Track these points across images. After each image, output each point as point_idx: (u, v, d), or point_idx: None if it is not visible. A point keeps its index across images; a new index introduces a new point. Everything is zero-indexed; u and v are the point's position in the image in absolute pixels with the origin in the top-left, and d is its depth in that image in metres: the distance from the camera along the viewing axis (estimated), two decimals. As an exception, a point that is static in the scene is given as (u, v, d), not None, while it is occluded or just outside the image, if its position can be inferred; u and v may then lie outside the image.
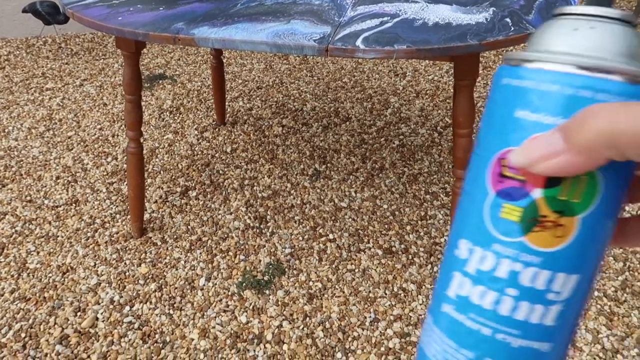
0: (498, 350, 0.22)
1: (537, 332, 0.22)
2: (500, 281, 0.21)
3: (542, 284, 0.21)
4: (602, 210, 0.21)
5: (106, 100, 2.00)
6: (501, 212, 0.21)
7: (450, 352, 0.23)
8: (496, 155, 0.22)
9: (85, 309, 1.13)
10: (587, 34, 0.21)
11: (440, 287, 0.24)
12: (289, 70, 2.21)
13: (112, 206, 1.43)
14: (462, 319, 0.23)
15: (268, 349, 1.05)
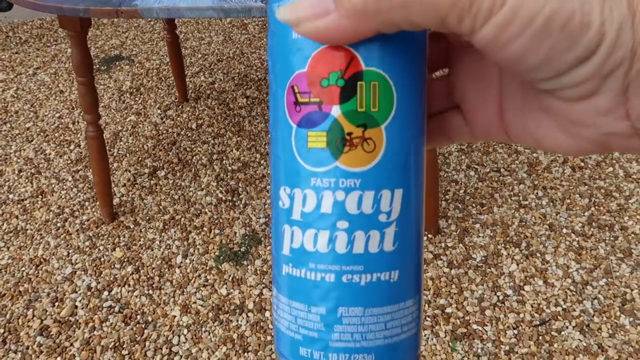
0: (348, 295, 0.20)
1: (380, 261, 0.21)
2: (328, 217, 0.20)
3: (369, 206, 0.20)
4: (404, 115, 0.20)
5: (62, 87, 1.93)
6: (308, 143, 0.20)
7: (302, 317, 0.21)
8: (288, 84, 0.21)
9: (62, 298, 1.12)
10: None
11: (276, 250, 0.22)
12: (249, 40, 2.17)
13: (79, 194, 1.41)
14: (302, 273, 0.21)
15: (251, 317, 1.06)
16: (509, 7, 0.16)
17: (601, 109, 0.18)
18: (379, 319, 0.21)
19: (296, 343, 0.21)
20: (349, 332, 0.21)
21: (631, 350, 0.96)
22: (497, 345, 0.98)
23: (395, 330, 0.21)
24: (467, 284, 1.10)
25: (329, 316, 0.21)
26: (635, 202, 1.25)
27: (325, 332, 0.21)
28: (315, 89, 0.20)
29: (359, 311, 0.20)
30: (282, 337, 0.22)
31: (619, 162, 1.37)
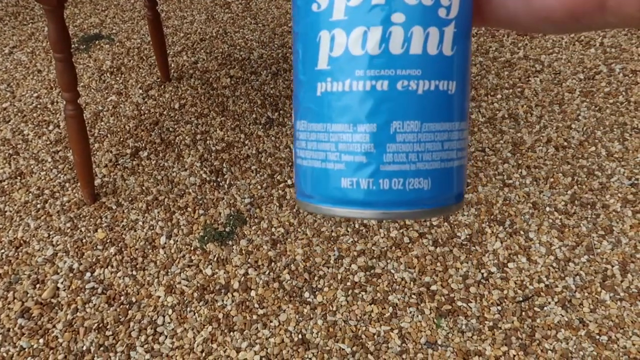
0: (403, 105, 0.17)
1: (440, 66, 0.17)
2: (381, 9, 0.17)
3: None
4: None
5: (40, 66, 1.88)
6: None
7: (345, 141, 0.17)
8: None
9: (44, 280, 1.10)
10: None
11: (305, 71, 0.18)
12: (232, 19, 2.13)
13: (59, 175, 1.38)
14: (347, 85, 0.17)
15: (236, 297, 1.06)
16: None
17: None
18: (437, 137, 0.18)
19: (336, 175, 0.18)
20: (404, 151, 0.17)
21: (611, 324, 0.98)
22: (481, 321, 1.00)
23: (452, 154, 0.18)
24: (451, 262, 1.10)
25: (381, 133, 0.17)
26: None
27: (375, 154, 0.17)
28: None
29: (416, 126, 0.17)
30: (312, 174, 0.19)
31: (601, 142, 1.39)
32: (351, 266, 1.10)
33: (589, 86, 1.59)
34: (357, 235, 1.17)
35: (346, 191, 0.18)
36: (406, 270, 1.09)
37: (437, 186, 0.18)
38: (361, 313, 1.01)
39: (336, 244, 1.15)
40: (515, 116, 1.50)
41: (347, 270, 1.09)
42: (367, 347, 0.96)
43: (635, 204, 1.21)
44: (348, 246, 1.14)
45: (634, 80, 1.60)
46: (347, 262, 1.11)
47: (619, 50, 1.74)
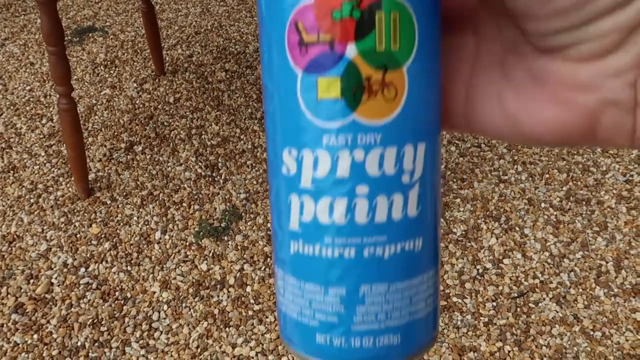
0: (371, 270, 0.18)
1: (405, 229, 0.18)
2: (345, 182, 0.17)
3: (392, 166, 0.18)
4: (427, 52, 0.18)
5: (33, 59, 1.86)
6: (318, 92, 0.17)
7: (317, 300, 0.18)
8: (289, 20, 0.17)
9: (37, 275, 1.09)
10: None
11: (280, 226, 0.19)
12: (227, 12, 2.11)
13: (53, 169, 1.37)
14: (316, 250, 0.18)
15: (232, 292, 1.05)
16: None
17: (615, 68, 0.16)
18: (404, 294, 0.18)
19: (311, 330, 0.19)
20: (373, 312, 0.18)
21: (605, 320, 0.98)
22: (477, 317, 1.00)
23: (420, 305, 0.19)
24: (447, 258, 1.11)
25: (350, 297, 0.18)
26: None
27: (345, 315, 0.18)
28: (326, 23, 0.17)
29: (383, 288, 0.18)
30: (291, 323, 0.19)
31: (596, 138, 1.39)
32: (347, 262, 1.10)
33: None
34: (353, 231, 1.17)
35: (320, 346, 0.19)
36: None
37: (407, 338, 0.19)
38: (357, 309, 1.02)
39: (332, 240, 1.15)
40: (511, 112, 1.50)
41: (343, 266, 1.10)
42: (363, 343, 0.96)
43: (629, 200, 1.22)
44: (344, 242, 1.14)
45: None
46: (343, 257, 1.11)
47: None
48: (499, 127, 0.19)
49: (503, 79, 0.19)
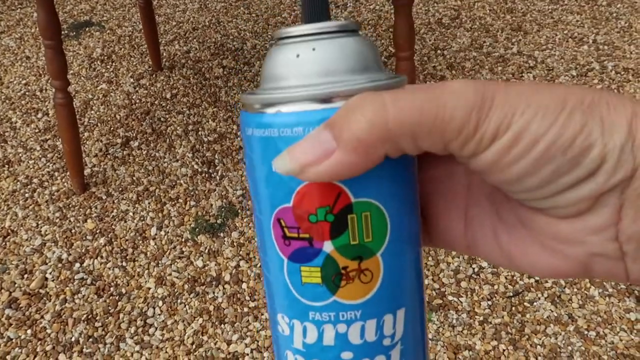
0: None
1: None
2: (331, 349, 0.19)
3: (372, 334, 0.19)
4: (399, 237, 0.19)
5: (29, 52, 1.85)
6: (302, 278, 0.19)
7: None
8: (273, 216, 0.19)
9: (32, 270, 1.09)
10: (309, 57, 0.19)
11: None
12: (225, 9, 2.10)
13: (48, 164, 1.36)
14: None
15: (227, 289, 1.05)
16: (512, 132, 0.16)
17: (592, 227, 0.17)
18: None
19: None
20: None
21: (599, 320, 0.99)
22: (472, 315, 1.00)
23: None
24: (443, 257, 1.11)
25: None
26: None
27: None
28: (304, 225, 0.19)
29: None
30: None
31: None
32: (343, 259, 1.10)
33: (581, 83, 1.60)
34: (349, 229, 1.17)
35: None
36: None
37: None
38: (352, 306, 1.02)
39: (328, 237, 1.15)
40: (508, 112, 1.50)
41: (339, 264, 1.09)
42: (358, 341, 0.96)
43: (625, 201, 1.22)
44: (340, 239, 1.14)
45: (626, 77, 1.61)
46: (339, 255, 1.11)
47: (611, 48, 1.74)
48: (498, 259, 0.21)
49: (495, 216, 0.20)
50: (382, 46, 1.82)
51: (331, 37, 0.19)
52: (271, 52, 0.20)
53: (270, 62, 0.20)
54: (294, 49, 0.19)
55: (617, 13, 1.93)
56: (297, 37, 0.19)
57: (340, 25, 0.19)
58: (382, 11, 2.04)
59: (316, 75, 0.19)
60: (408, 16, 0.96)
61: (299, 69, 0.19)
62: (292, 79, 0.19)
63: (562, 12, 1.96)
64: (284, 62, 0.19)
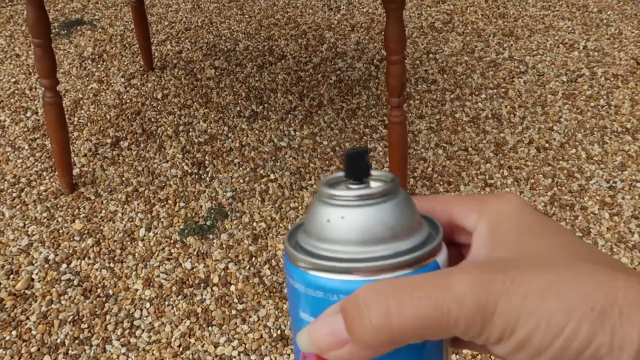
0: None
1: None
2: None
3: None
4: None
5: (18, 50, 1.83)
6: None
7: None
8: (301, 354, 0.20)
9: (18, 270, 1.08)
10: (338, 225, 0.20)
11: None
12: (218, 9, 2.10)
13: (37, 163, 1.35)
14: None
15: (215, 291, 1.05)
16: (516, 339, 0.17)
17: None
18: None
19: None
20: None
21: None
22: (459, 319, 1.00)
23: None
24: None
25: None
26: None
27: None
28: None
29: None
30: None
31: (581, 144, 1.41)
32: (332, 262, 1.10)
33: (571, 89, 1.61)
34: (339, 232, 1.17)
35: None
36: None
37: None
38: (341, 310, 1.01)
39: (318, 240, 1.15)
40: (498, 116, 1.51)
41: (328, 267, 1.09)
42: (346, 344, 0.96)
43: (612, 206, 1.23)
44: (329, 242, 1.14)
45: (615, 84, 1.62)
46: (328, 258, 1.11)
47: (601, 54, 1.76)
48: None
49: None
50: (374, 49, 1.83)
51: (362, 204, 0.20)
52: (312, 203, 0.21)
53: (309, 215, 0.21)
54: (326, 213, 0.20)
55: (607, 20, 1.95)
56: (329, 199, 0.20)
57: (373, 193, 0.20)
58: (376, 14, 2.04)
59: (342, 244, 0.20)
60: (399, 20, 0.96)
61: (328, 235, 0.20)
62: (322, 243, 0.20)
63: (553, 18, 1.97)
64: (317, 223, 0.21)
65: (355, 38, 1.89)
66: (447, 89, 1.62)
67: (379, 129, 1.46)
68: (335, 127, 1.47)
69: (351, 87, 1.63)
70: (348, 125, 1.48)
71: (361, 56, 1.79)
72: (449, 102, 1.56)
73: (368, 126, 1.47)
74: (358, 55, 1.79)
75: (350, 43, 1.86)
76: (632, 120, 1.48)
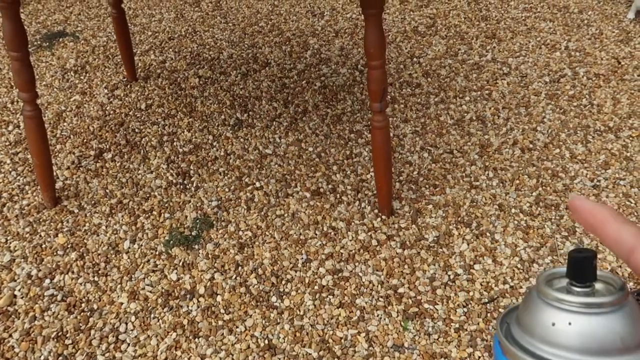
0: None
1: None
2: None
3: None
4: None
5: (0, 64, 1.82)
6: None
7: None
8: None
9: (0, 287, 1.06)
10: (565, 331, 0.19)
11: None
12: (202, 18, 2.09)
13: (19, 177, 1.33)
14: None
15: (202, 302, 1.04)
16: None
17: None
18: None
19: None
20: None
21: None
22: (447, 323, 1.00)
23: None
24: (419, 264, 1.11)
25: None
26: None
27: None
28: None
29: None
30: None
31: (565, 144, 1.41)
32: (319, 269, 1.09)
33: (554, 89, 1.62)
34: (326, 239, 1.16)
35: None
36: (374, 273, 1.09)
37: None
38: (328, 317, 1.01)
39: (304, 247, 1.14)
40: (482, 118, 1.52)
41: (315, 274, 1.09)
42: (334, 352, 0.95)
43: (597, 205, 1.23)
44: (316, 249, 1.14)
45: (597, 83, 1.64)
46: (315, 265, 1.10)
47: (583, 54, 1.78)
48: None
49: None
50: (358, 54, 1.83)
51: (591, 312, 0.19)
52: (533, 299, 0.21)
53: (529, 313, 0.20)
54: (551, 316, 0.20)
55: (588, 20, 1.97)
56: (553, 301, 0.20)
57: (604, 302, 0.19)
58: (359, 20, 2.05)
59: (567, 350, 0.19)
60: (378, 25, 0.96)
61: (553, 339, 0.19)
62: (545, 345, 0.19)
63: (535, 20, 1.99)
64: (540, 324, 0.20)
65: (339, 44, 1.90)
66: (431, 93, 1.62)
67: (364, 133, 1.46)
68: (320, 133, 1.47)
69: (336, 93, 1.63)
70: (333, 130, 1.48)
71: (345, 62, 1.79)
72: (434, 105, 1.57)
73: (353, 131, 1.47)
74: (342, 61, 1.80)
75: (334, 49, 1.87)
76: (614, 119, 1.49)
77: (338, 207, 1.23)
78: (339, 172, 1.34)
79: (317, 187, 1.29)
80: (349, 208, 1.23)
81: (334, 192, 1.28)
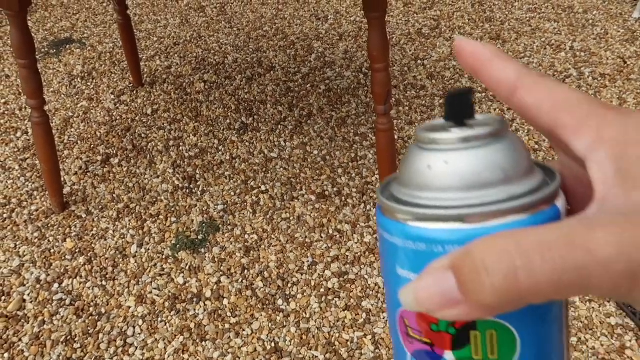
0: None
1: None
2: None
3: None
4: (534, 352, 0.18)
5: (8, 71, 1.84)
6: None
7: None
8: (398, 313, 0.19)
9: (9, 292, 1.07)
10: (441, 171, 0.18)
11: None
12: (207, 23, 2.11)
13: (27, 183, 1.34)
14: None
15: (208, 305, 1.04)
16: None
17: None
18: None
19: None
20: None
21: (581, 325, 0.99)
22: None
23: None
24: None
25: None
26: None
27: None
28: (425, 330, 0.18)
29: None
30: None
31: (571, 144, 1.41)
32: (325, 272, 1.10)
33: (559, 90, 1.62)
34: (331, 241, 1.16)
35: None
36: (380, 276, 1.09)
37: None
38: (334, 320, 1.01)
39: (310, 250, 1.14)
40: (487, 120, 1.51)
41: (321, 277, 1.09)
42: (341, 354, 0.95)
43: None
44: (322, 252, 1.14)
45: (603, 83, 1.63)
46: (321, 268, 1.11)
47: (588, 54, 1.77)
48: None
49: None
50: (363, 57, 1.84)
51: (467, 147, 0.18)
52: (408, 152, 0.19)
53: (406, 164, 0.19)
54: (426, 159, 0.18)
55: (593, 20, 1.96)
56: (429, 144, 0.18)
57: (480, 135, 0.18)
58: (363, 23, 2.05)
59: (446, 191, 0.18)
60: (382, 28, 0.97)
61: (430, 182, 0.18)
62: (423, 192, 0.18)
63: (539, 20, 1.99)
64: (416, 171, 0.19)
65: (343, 47, 1.90)
66: (436, 95, 1.62)
67: (369, 136, 1.46)
68: (325, 137, 1.47)
69: (340, 96, 1.63)
70: (338, 134, 1.48)
71: (350, 65, 1.80)
72: (438, 107, 1.57)
73: (358, 134, 1.48)
74: (347, 64, 1.80)
75: (338, 52, 1.87)
76: (621, 119, 1.49)
77: (343, 210, 1.24)
78: (344, 175, 1.34)
79: (322, 190, 1.30)
80: (355, 211, 1.23)
81: (339, 194, 1.28)
